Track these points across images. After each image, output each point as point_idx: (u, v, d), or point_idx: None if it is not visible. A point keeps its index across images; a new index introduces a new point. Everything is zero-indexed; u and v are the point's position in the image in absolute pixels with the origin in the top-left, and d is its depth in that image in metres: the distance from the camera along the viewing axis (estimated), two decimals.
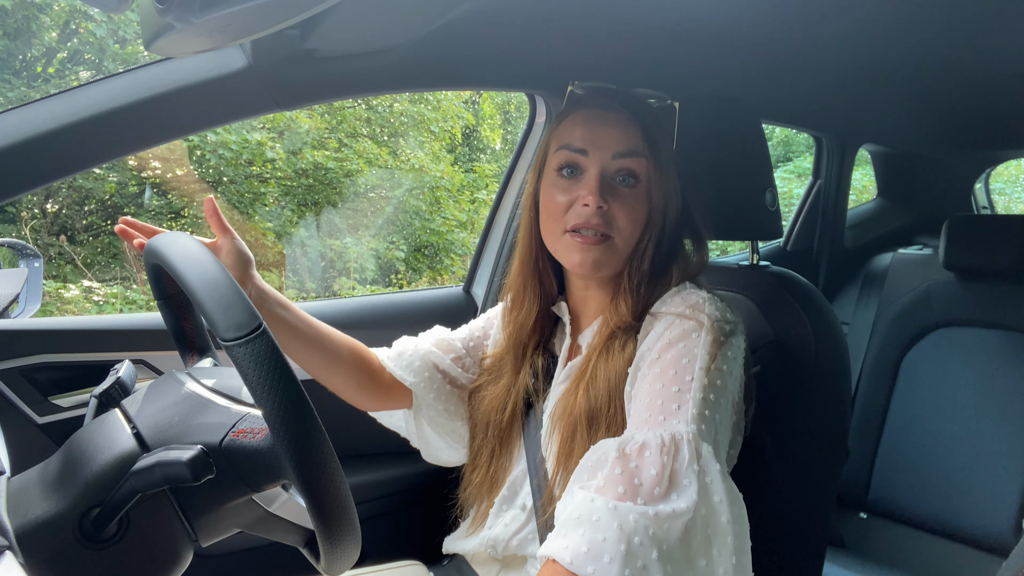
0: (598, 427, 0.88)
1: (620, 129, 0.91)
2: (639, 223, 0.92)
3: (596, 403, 0.89)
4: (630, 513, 0.69)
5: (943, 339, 1.93)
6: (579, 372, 0.94)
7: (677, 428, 0.76)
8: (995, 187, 4.01)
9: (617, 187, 0.91)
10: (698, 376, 0.80)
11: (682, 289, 0.92)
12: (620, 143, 0.91)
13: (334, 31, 0.99)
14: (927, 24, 1.22)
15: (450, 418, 1.12)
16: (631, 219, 0.91)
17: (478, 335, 1.18)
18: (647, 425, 0.77)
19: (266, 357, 0.61)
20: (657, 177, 0.92)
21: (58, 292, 3.92)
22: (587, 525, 0.69)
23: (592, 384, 0.90)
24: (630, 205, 0.91)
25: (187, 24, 0.57)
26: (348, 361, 1.08)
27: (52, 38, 4.99)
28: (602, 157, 0.91)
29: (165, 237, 0.75)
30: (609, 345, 0.92)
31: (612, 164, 0.91)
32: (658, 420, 0.77)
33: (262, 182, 5.19)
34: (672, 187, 0.94)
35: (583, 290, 1.01)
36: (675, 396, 0.79)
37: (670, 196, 0.93)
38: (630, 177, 0.91)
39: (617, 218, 0.90)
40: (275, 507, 0.76)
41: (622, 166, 0.91)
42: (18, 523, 0.63)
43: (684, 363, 0.81)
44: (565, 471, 0.90)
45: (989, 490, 1.74)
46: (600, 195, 0.89)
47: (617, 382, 0.88)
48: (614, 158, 0.91)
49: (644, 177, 0.91)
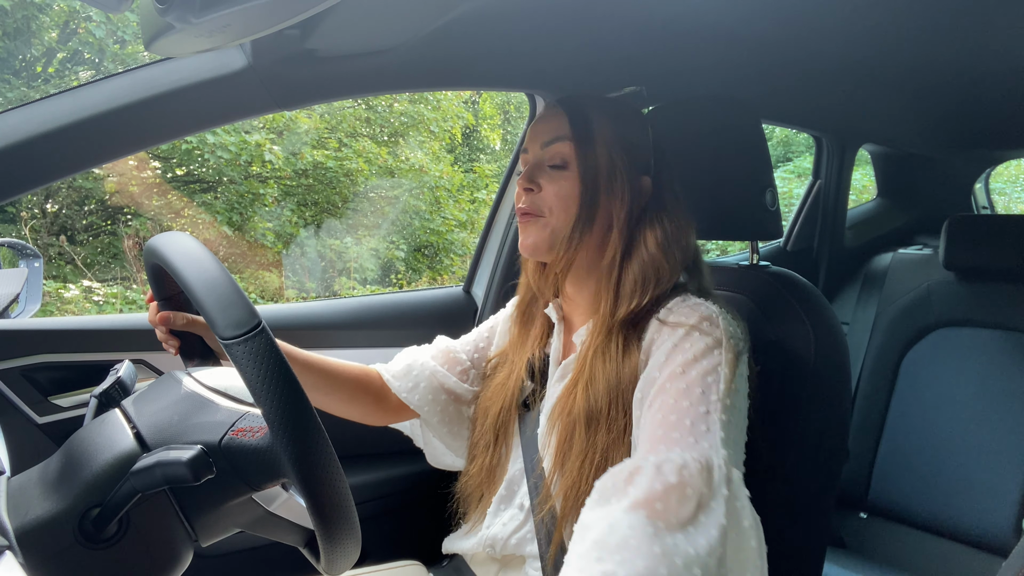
0: (597, 427, 0.88)
1: (549, 121, 0.98)
2: (570, 202, 0.95)
3: (595, 404, 0.89)
4: (668, 537, 0.67)
5: (943, 339, 1.93)
6: (576, 370, 0.94)
7: (709, 452, 0.75)
8: (995, 187, 4.01)
9: (547, 172, 0.97)
10: (723, 396, 0.80)
11: (688, 298, 0.92)
12: (547, 132, 0.98)
13: (334, 31, 0.99)
14: (927, 24, 1.22)
15: (454, 438, 1.15)
16: (559, 197, 0.95)
17: (483, 345, 1.19)
18: (679, 446, 0.76)
19: (265, 355, 0.61)
20: (583, 159, 0.94)
21: (58, 292, 3.92)
22: (627, 550, 0.66)
23: (591, 384, 0.90)
24: (558, 184, 0.95)
25: (187, 24, 0.57)
26: (351, 393, 1.11)
27: (52, 38, 4.99)
28: (535, 148, 0.99)
29: (164, 237, 0.75)
30: (606, 345, 0.92)
31: (543, 153, 0.98)
32: (689, 442, 0.76)
33: (261, 182, 5.19)
34: (615, 173, 0.95)
35: (571, 287, 1.02)
36: (703, 417, 0.78)
37: (613, 175, 0.95)
38: (557, 159, 0.96)
39: (546, 199, 0.96)
40: (275, 507, 0.76)
41: (552, 152, 0.97)
42: (18, 523, 0.63)
43: (709, 381, 0.81)
44: (562, 469, 0.90)
45: (989, 490, 1.74)
46: (528, 178, 0.96)
47: (618, 384, 0.88)
48: (543, 147, 0.98)
49: (572, 161, 0.95)
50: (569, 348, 1.03)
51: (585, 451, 0.88)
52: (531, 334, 1.09)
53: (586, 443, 0.88)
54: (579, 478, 0.87)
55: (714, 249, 4.35)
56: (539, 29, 1.17)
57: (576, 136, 0.95)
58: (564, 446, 0.90)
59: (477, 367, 1.16)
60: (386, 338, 1.62)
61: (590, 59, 1.32)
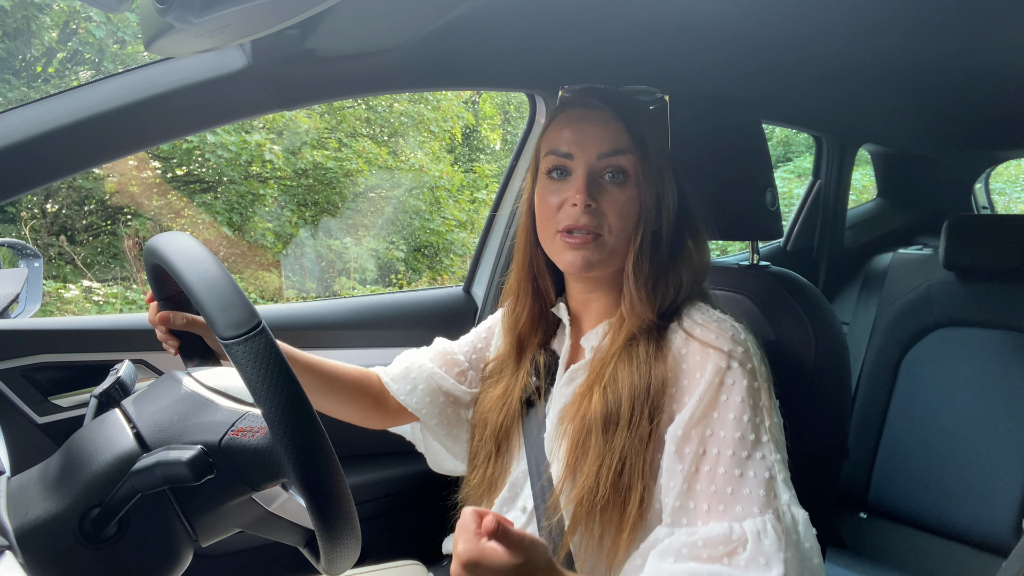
0: (616, 430, 0.86)
1: (604, 128, 0.92)
2: (630, 219, 0.91)
3: (615, 406, 0.87)
4: None
5: (943, 339, 1.93)
6: (592, 375, 0.92)
7: (776, 503, 0.77)
8: (995, 187, 4.01)
9: (605, 185, 0.91)
10: (772, 433, 0.81)
11: (702, 308, 0.91)
12: (605, 142, 0.91)
13: (334, 31, 0.99)
14: (928, 23, 1.22)
15: (454, 442, 1.14)
16: (621, 215, 0.90)
17: (480, 346, 1.18)
18: (749, 504, 0.77)
19: (265, 355, 0.61)
20: (646, 172, 0.91)
21: (58, 292, 3.92)
22: None
23: (611, 387, 0.88)
24: (619, 202, 0.90)
25: (187, 24, 0.57)
26: (351, 396, 1.11)
27: (52, 38, 4.99)
28: (588, 157, 0.91)
29: (164, 237, 0.75)
30: (631, 350, 0.90)
31: (599, 163, 0.91)
32: (759, 495, 0.77)
33: (262, 182, 5.19)
34: (666, 182, 0.94)
35: (584, 292, 1.00)
36: (761, 463, 0.79)
37: (663, 191, 0.93)
38: (619, 174, 0.91)
39: (607, 215, 0.90)
40: (275, 507, 0.76)
41: (609, 164, 0.91)
42: (18, 523, 0.63)
43: (757, 423, 0.81)
44: (574, 476, 0.88)
45: (989, 490, 1.73)
46: (587, 194, 0.89)
47: (647, 388, 0.86)
48: (600, 158, 0.91)
49: (633, 173, 0.91)
50: (577, 351, 1.01)
51: (602, 455, 0.86)
52: (530, 344, 1.06)
53: (603, 446, 0.86)
54: (596, 484, 0.85)
55: (714, 249, 4.35)
56: (539, 29, 1.17)
57: (640, 150, 0.91)
58: (577, 451, 0.88)
59: (475, 369, 1.16)
60: (386, 338, 1.62)
61: (590, 59, 1.32)
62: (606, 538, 0.86)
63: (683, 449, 0.82)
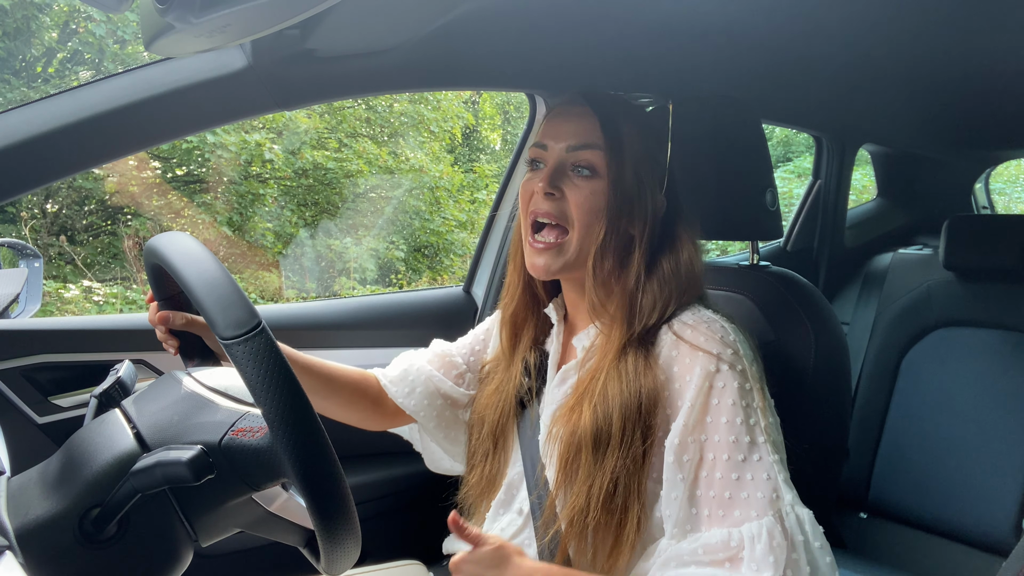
0: (607, 450, 0.85)
1: (579, 122, 0.92)
2: (593, 213, 0.90)
3: (605, 424, 0.85)
4: None
5: (943, 339, 1.93)
6: (582, 387, 0.91)
7: (778, 505, 0.77)
8: (995, 187, 4.01)
9: (572, 177, 0.92)
10: (768, 434, 0.81)
11: (695, 309, 0.90)
12: (575, 135, 0.92)
13: (334, 31, 0.99)
14: (928, 23, 1.22)
15: (452, 443, 1.15)
16: (582, 208, 0.90)
17: (478, 348, 1.18)
18: (748, 508, 0.77)
19: (265, 355, 0.61)
20: (617, 171, 0.90)
21: (58, 292, 3.92)
22: None
23: (601, 404, 0.86)
24: (583, 194, 0.90)
25: (187, 24, 0.57)
26: (349, 397, 1.11)
27: (52, 38, 4.99)
28: (559, 149, 0.92)
29: (164, 237, 0.75)
30: (620, 363, 0.88)
31: (568, 156, 0.92)
32: (758, 498, 0.77)
33: (261, 182, 5.19)
34: (644, 186, 0.92)
35: (574, 292, 0.99)
36: (759, 465, 0.79)
37: (638, 194, 0.91)
38: (585, 168, 0.91)
39: (571, 208, 0.91)
40: (275, 507, 0.76)
41: (577, 157, 0.91)
42: (18, 523, 0.63)
43: (752, 424, 0.81)
44: (566, 491, 0.88)
45: (989, 490, 1.73)
46: (549, 181, 0.90)
47: (637, 404, 0.85)
48: (569, 151, 0.92)
49: (602, 170, 0.91)
50: (569, 350, 1.02)
51: (592, 475, 0.85)
52: (523, 341, 1.06)
53: (594, 466, 0.85)
54: (587, 504, 0.84)
55: (714, 249, 4.35)
56: (539, 29, 1.17)
57: (610, 146, 0.90)
58: (569, 466, 0.88)
59: (473, 370, 1.15)
60: (386, 338, 1.62)
61: (590, 59, 1.32)
62: (599, 557, 0.85)
63: (681, 458, 0.82)
